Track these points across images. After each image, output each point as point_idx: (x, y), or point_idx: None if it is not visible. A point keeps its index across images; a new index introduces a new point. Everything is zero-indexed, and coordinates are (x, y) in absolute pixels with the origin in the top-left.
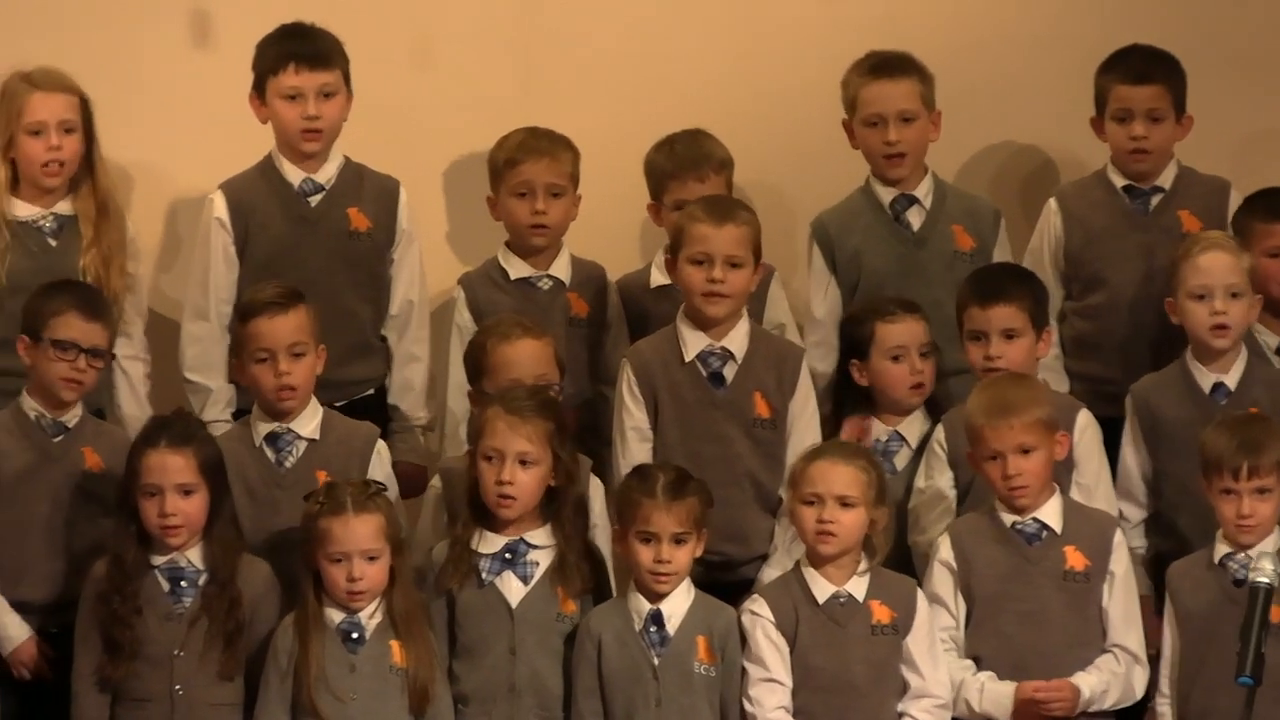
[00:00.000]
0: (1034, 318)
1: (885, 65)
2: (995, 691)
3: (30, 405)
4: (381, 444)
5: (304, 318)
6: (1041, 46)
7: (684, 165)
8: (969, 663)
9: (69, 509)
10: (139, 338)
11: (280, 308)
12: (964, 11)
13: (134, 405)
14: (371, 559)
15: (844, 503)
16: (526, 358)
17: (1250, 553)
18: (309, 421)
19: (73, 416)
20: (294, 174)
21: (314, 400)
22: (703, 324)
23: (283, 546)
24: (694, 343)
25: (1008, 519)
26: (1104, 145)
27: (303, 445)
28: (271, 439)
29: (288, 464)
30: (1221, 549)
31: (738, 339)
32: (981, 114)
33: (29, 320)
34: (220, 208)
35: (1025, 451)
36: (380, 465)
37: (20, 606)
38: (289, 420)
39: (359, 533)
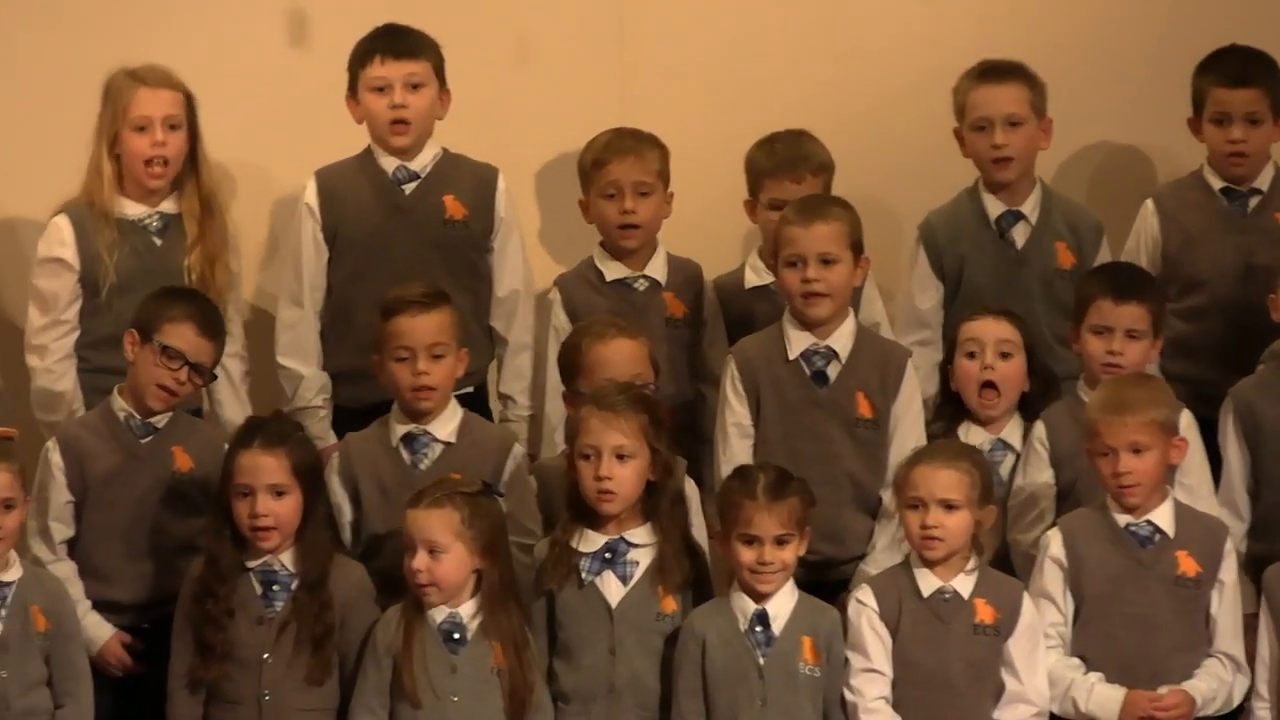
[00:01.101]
0: (1156, 322)
1: (993, 70)
2: (1104, 695)
3: (120, 406)
4: (518, 448)
5: (447, 318)
6: (1140, 48)
7: (781, 165)
8: (1078, 662)
9: (158, 510)
10: (239, 336)
11: (423, 307)
12: (1063, 14)
13: (234, 403)
14: (434, 553)
15: (947, 506)
16: (622, 357)
17: None
18: (447, 424)
19: (162, 417)
20: (389, 162)
21: (454, 402)
22: (807, 324)
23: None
24: (798, 341)
25: (1121, 519)
26: (1202, 145)
27: (439, 448)
28: (408, 440)
29: (422, 466)
30: None
31: (842, 338)
32: (1079, 115)
33: (143, 317)
34: (311, 194)
35: (1138, 450)
36: (514, 469)
37: (110, 606)
38: (426, 422)
39: (423, 524)
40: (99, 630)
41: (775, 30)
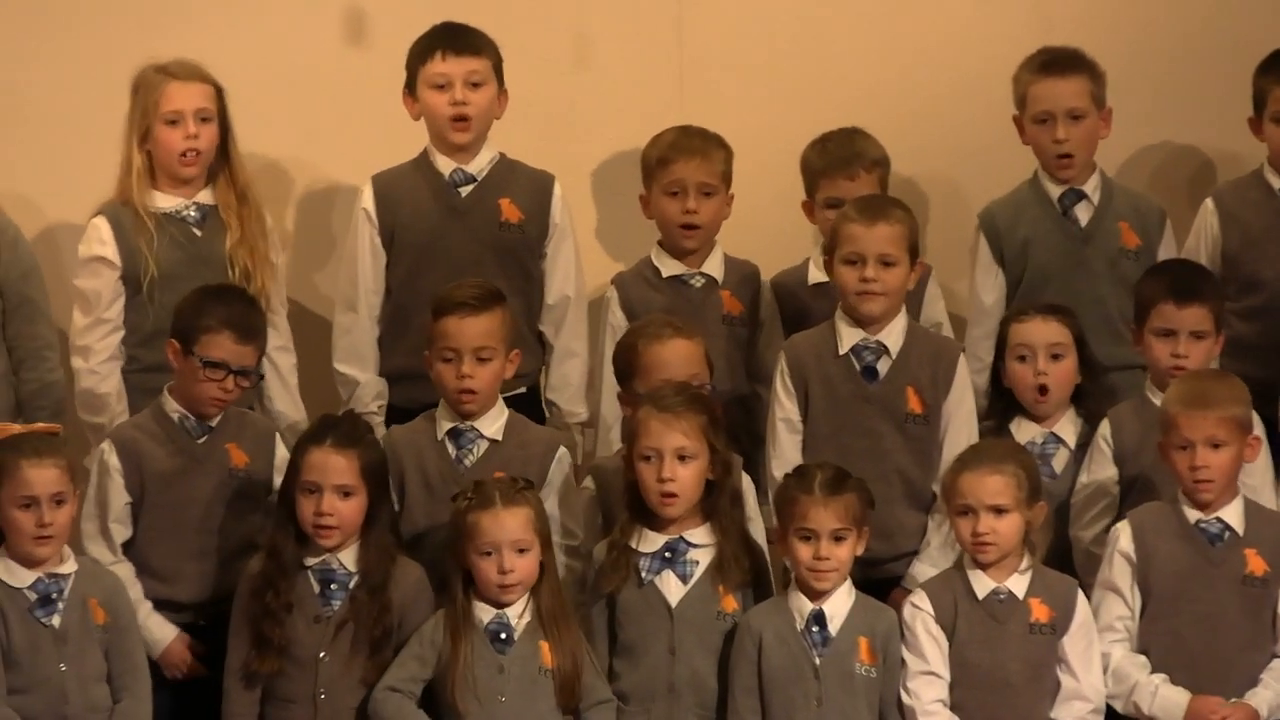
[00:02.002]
0: (1218, 320)
1: (1055, 62)
2: (1169, 699)
3: (172, 407)
4: (564, 451)
5: (496, 321)
6: (1200, 46)
7: (834, 163)
8: (1144, 660)
9: (217, 509)
10: (284, 329)
11: (472, 309)
12: (1122, 10)
13: (284, 397)
14: (522, 551)
15: (997, 510)
16: (679, 358)
17: None
18: (493, 422)
19: (215, 415)
20: (445, 164)
21: (500, 401)
22: (860, 321)
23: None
24: (849, 336)
25: (1191, 515)
26: (1263, 144)
27: (484, 445)
28: (454, 435)
29: (467, 462)
30: None
31: (894, 334)
32: (1139, 113)
33: (181, 328)
34: (368, 199)
35: (1216, 446)
36: (560, 471)
37: (169, 605)
38: (473, 419)
39: (508, 525)
40: (162, 631)
41: (833, 27)
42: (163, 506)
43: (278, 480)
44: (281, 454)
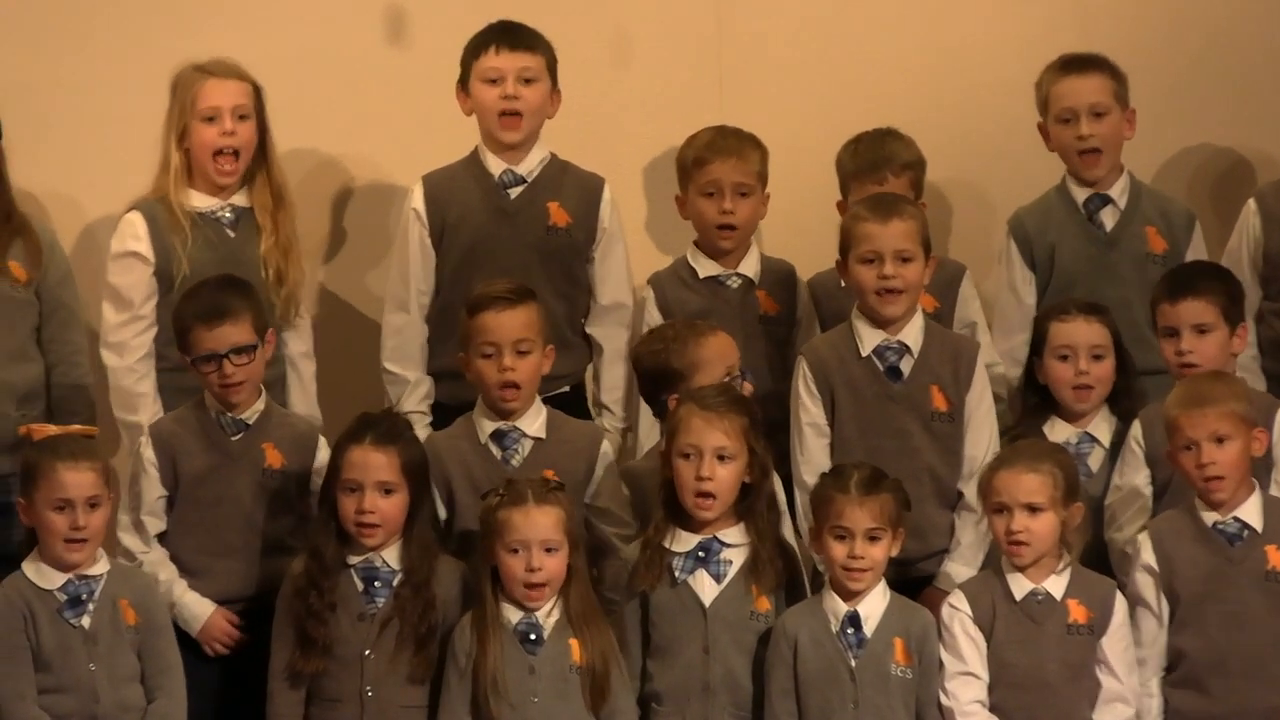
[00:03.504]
0: (1226, 313)
1: (1075, 62)
2: None
3: (211, 403)
4: (606, 444)
5: (533, 315)
6: (1238, 47)
7: (863, 167)
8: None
9: (249, 507)
10: (308, 334)
11: (509, 303)
12: (1160, 13)
13: (303, 403)
14: (550, 550)
15: (1031, 509)
16: (717, 354)
17: None
18: (534, 420)
19: (253, 413)
20: (496, 165)
21: (538, 399)
22: (878, 321)
23: None
24: (870, 338)
25: (1208, 518)
26: None
27: (529, 444)
28: (497, 436)
29: (514, 462)
30: None
31: (913, 333)
32: (1177, 115)
33: (176, 340)
34: (418, 198)
35: (1219, 441)
36: (605, 463)
37: None
38: (514, 418)
39: (539, 523)
40: (200, 607)
41: (872, 27)
42: (195, 502)
43: (316, 482)
44: (323, 457)
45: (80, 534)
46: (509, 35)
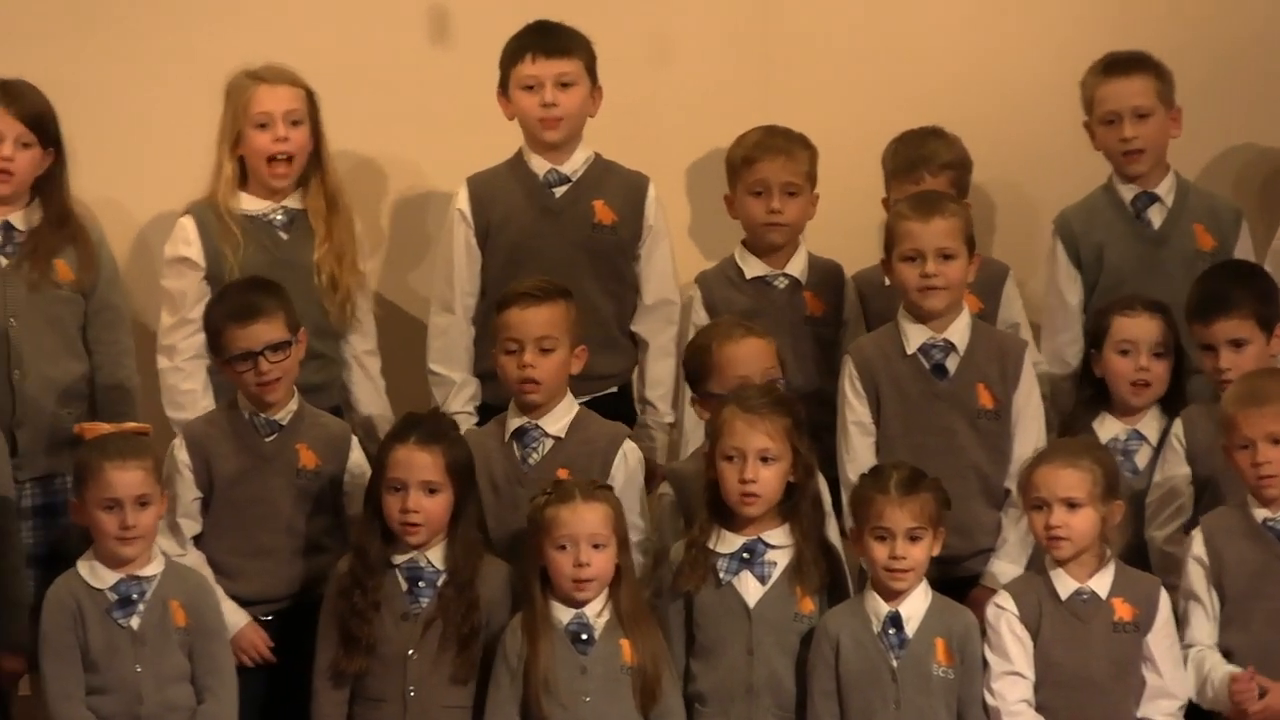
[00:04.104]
0: (1261, 320)
1: (1119, 63)
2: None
3: (244, 404)
4: (629, 445)
5: (559, 313)
6: None
7: (902, 165)
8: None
9: (283, 507)
10: (371, 332)
11: (534, 300)
12: (1205, 12)
13: (373, 400)
14: (598, 547)
15: (1070, 505)
16: (753, 355)
17: None
18: (559, 419)
19: (286, 413)
20: (540, 165)
21: (569, 398)
22: (923, 318)
23: (521, 544)
24: (915, 336)
25: (1259, 514)
26: None
27: (548, 443)
28: (519, 434)
29: (531, 460)
30: None
31: (959, 331)
32: (1223, 115)
33: (209, 343)
34: (463, 199)
35: (1276, 441)
36: (623, 466)
37: (234, 601)
38: (538, 416)
39: (587, 519)
40: (235, 616)
41: (917, 25)
42: (230, 503)
43: (349, 483)
44: (356, 457)
45: (130, 533)
46: (544, 42)
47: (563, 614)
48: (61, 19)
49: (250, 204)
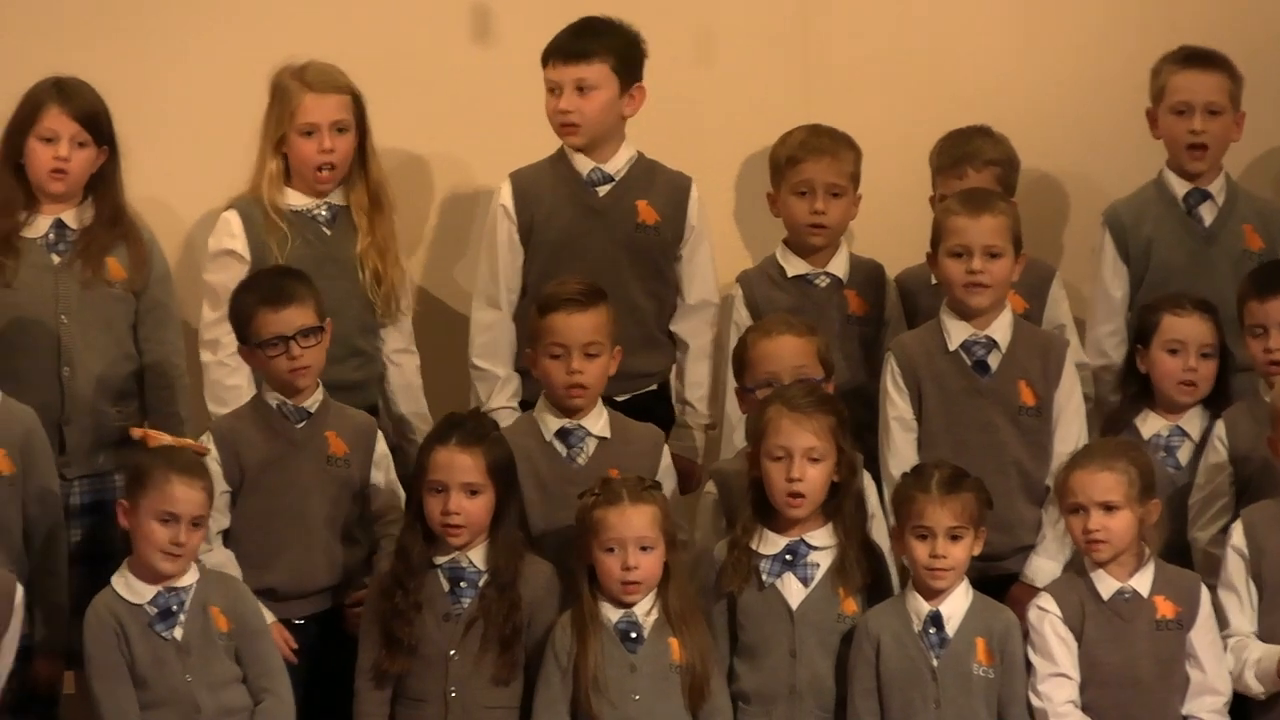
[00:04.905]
0: None
1: (1199, 56)
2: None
3: (271, 395)
4: (668, 448)
5: (603, 317)
6: None
7: (945, 162)
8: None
9: (314, 495)
10: (409, 330)
11: (580, 305)
12: (1251, 11)
13: (408, 398)
14: (645, 548)
15: (1107, 508)
16: (785, 352)
17: None
18: (598, 419)
19: (314, 402)
20: (583, 164)
21: (600, 400)
22: (966, 315)
23: (572, 542)
24: (957, 332)
25: None
26: None
27: (594, 443)
28: (563, 435)
29: (580, 460)
30: None
31: (1001, 328)
32: (1268, 115)
33: (236, 329)
34: (506, 195)
35: None
36: (665, 465)
37: (265, 594)
38: (579, 417)
39: (634, 521)
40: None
41: (959, 24)
42: (261, 492)
43: (375, 476)
44: (382, 449)
45: (179, 550)
46: (564, 47)
47: (611, 613)
48: (105, 20)
49: (294, 199)
